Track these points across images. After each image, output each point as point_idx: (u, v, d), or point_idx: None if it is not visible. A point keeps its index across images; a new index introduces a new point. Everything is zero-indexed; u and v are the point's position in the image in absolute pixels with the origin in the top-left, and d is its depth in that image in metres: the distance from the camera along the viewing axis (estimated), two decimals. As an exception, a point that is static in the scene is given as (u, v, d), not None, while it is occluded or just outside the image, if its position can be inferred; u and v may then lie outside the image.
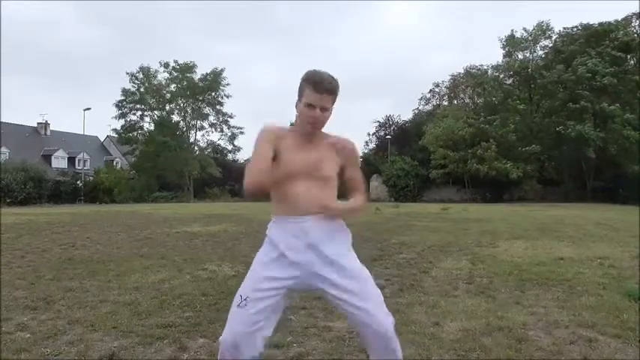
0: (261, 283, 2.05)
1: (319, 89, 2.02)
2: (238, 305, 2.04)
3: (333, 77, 2.08)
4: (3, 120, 42.49)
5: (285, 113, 47.54)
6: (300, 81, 2.09)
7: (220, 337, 2.07)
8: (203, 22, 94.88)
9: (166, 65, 41.88)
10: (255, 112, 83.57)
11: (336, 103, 2.13)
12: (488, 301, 4.37)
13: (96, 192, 37.39)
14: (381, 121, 45.06)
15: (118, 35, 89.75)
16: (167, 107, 42.93)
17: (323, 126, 2.11)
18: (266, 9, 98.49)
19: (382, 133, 44.56)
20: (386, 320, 2.09)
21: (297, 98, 2.11)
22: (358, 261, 2.17)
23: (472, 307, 4.13)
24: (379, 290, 2.16)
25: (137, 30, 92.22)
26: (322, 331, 3.50)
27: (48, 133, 48.81)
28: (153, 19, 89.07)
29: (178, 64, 41.88)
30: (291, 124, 2.29)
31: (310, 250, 2.07)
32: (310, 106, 2.03)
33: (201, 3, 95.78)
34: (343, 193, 2.22)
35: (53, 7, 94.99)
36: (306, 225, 2.06)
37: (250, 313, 2.02)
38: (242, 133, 45.05)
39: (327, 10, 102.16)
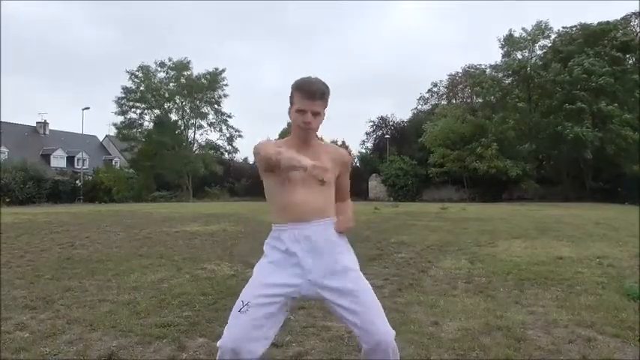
0: (263, 289, 2.06)
1: (309, 94, 2.05)
2: (240, 310, 2.03)
3: (322, 82, 2.11)
4: (2, 119, 42.50)
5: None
6: (290, 89, 2.12)
7: (219, 342, 2.06)
8: (208, 21, 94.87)
9: (162, 65, 41.86)
10: (259, 112, 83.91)
11: (328, 107, 2.15)
12: (487, 301, 4.38)
13: (95, 191, 37.32)
14: (376, 121, 45.11)
15: (123, 35, 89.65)
16: (165, 105, 42.87)
17: (316, 130, 2.13)
18: (271, 9, 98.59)
19: (380, 133, 44.57)
20: (385, 328, 2.07)
21: (289, 106, 2.13)
22: (358, 268, 2.17)
23: (471, 307, 4.14)
24: (379, 303, 2.14)
25: (143, 30, 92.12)
26: (321, 331, 3.50)
27: (47, 132, 48.73)
28: (158, 19, 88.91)
29: (173, 63, 41.83)
30: (284, 131, 2.32)
31: (310, 256, 2.07)
32: (301, 111, 2.06)
33: (206, 3, 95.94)
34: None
35: (55, 6, 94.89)
36: (306, 232, 2.08)
37: (252, 318, 2.01)
38: (240, 136, 45.06)
39: (330, 10, 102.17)
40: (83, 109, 42.10)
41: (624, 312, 3.93)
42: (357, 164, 41.78)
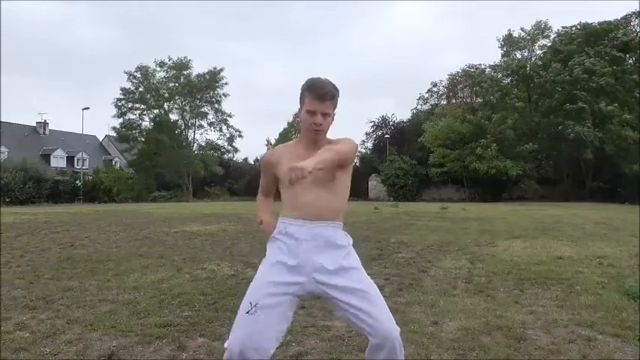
0: (270, 287, 2.05)
1: (319, 96, 2.05)
2: (247, 312, 2.02)
3: (332, 83, 2.12)
4: (2, 119, 42.54)
5: (292, 114, 47.41)
6: (300, 90, 2.12)
7: (226, 343, 2.05)
8: (209, 21, 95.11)
9: (162, 64, 41.81)
10: (260, 112, 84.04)
11: (337, 108, 2.15)
12: (487, 301, 4.37)
13: (95, 191, 37.38)
14: (376, 121, 45.14)
15: (124, 35, 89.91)
16: (165, 106, 42.83)
17: (326, 132, 2.13)
18: (271, 9, 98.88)
19: (380, 133, 44.61)
20: (392, 323, 2.08)
21: (299, 107, 2.14)
22: (362, 268, 2.18)
23: (471, 307, 4.14)
24: (383, 299, 2.16)
25: (143, 29, 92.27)
26: (321, 331, 3.50)
27: (47, 132, 48.74)
28: (159, 19, 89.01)
29: (173, 62, 41.79)
30: (285, 129, 2.33)
31: (314, 253, 2.07)
32: (311, 112, 2.06)
33: (206, 3, 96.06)
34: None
35: (55, 6, 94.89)
36: (313, 230, 2.08)
37: (260, 320, 2.00)
38: (241, 136, 45.02)
39: (331, 10, 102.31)
40: (83, 109, 42.40)
41: (624, 312, 3.93)
42: (357, 164, 41.82)
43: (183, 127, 43.49)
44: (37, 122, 48.74)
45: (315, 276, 2.07)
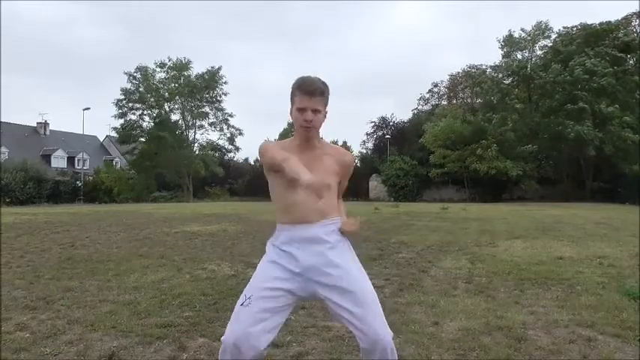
0: (266, 283, 2.07)
1: (308, 92, 2.05)
2: (242, 304, 2.05)
3: (321, 80, 2.12)
4: (2, 119, 42.57)
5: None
6: (290, 89, 2.12)
7: (222, 337, 2.07)
8: (209, 21, 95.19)
9: (162, 65, 41.78)
10: (260, 112, 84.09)
11: (329, 105, 2.15)
12: (487, 301, 4.37)
13: (95, 192, 37.40)
14: (376, 121, 45.17)
15: (124, 35, 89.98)
16: (166, 106, 42.82)
17: (317, 128, 2.13)
18: (271, 9, 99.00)
19: (380, 133, 44.62)
20: (383, 329, 2.06)
21: (290, 106, 2.13)
22: (361, 269, 2.17)
23: (471, 307, 4.14)
24: (379, 303, 2.13)
25: (143, 29, 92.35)
26: (321, 331, 3.50)
27: (47, 132, 48.76)
28: (159, 19, 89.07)
29: (173, 62, 41.77)
30: (285, 130, 2.33)
31: (309, 256, 2.08)
32: (301, 109, 2.06)
33: (206, 3, 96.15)
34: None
35: (55, 6, 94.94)
36: (308, 233, 2.08)
37: (253, 312, 2.02)
38: (241, 134, 45.04)
39: (331, 10, 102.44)
40: (84, 110, 42.36)
41: (624, 312, 3.93)
42: (358, 164, 41.81)
43: (184, 127, 43.49)
44: (37, 122, 48.76)
45: (310, 277, 2.09)
